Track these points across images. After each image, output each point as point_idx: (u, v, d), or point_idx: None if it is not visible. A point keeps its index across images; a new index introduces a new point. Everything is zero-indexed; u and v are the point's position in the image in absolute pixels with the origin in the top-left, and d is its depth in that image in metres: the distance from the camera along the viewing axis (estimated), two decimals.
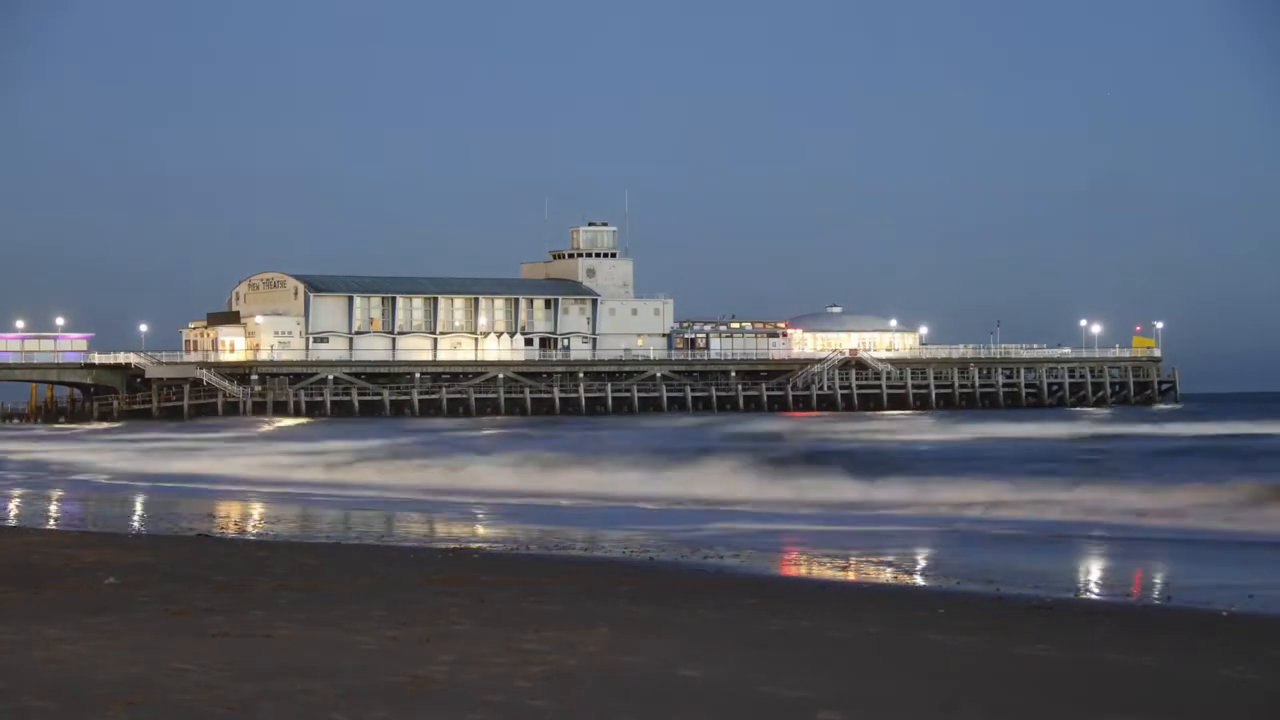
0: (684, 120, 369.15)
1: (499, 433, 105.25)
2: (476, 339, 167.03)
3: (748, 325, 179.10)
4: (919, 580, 24.49)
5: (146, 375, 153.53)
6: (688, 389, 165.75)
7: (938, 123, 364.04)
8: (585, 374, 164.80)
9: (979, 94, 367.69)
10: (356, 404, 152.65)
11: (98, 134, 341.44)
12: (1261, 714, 13.50)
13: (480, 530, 34.84)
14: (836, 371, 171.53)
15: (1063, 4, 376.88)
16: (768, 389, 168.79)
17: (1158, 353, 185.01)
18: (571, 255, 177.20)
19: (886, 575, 24.95)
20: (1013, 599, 21.17)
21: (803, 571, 26.61)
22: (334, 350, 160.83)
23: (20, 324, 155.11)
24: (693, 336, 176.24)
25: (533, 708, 13.07)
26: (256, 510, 41.62)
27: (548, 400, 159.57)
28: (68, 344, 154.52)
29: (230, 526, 35.57)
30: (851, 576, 24.90)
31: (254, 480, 54.91)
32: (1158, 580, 24.50)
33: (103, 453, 77.16)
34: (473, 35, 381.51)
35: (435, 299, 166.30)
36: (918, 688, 14.21)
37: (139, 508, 43.46)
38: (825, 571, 25.87)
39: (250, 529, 35.00)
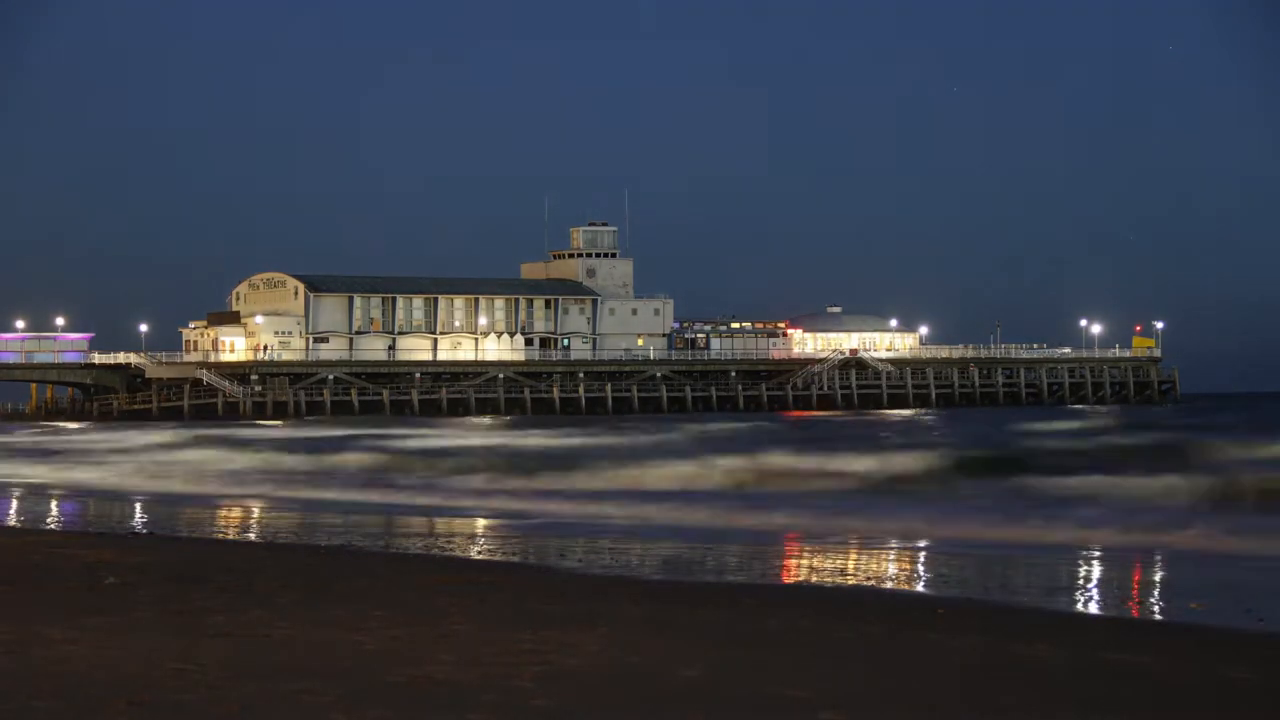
0: (684, 120, 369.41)
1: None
2: (476, 339, 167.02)
3: (748, 325, 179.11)
4: None
5: (147, 375, 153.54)
6: (688, 389, 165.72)
7: (937, 122, 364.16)
8: (585, 374, 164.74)
9: (979, 94, 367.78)
10: (356, 404, 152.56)
11: (97, 133, 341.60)
12: None
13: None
14: (836, 371, 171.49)
15: (1064, 3, 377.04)
16: (768, 389, 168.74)
17: (1158, 353, 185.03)
18: (571, 255, 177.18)
19: None
20: None
21: None
22: (334, 350, 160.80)
23: (20, 324, 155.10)
24: (693, 336, 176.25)
25: (532, 708, 13.06)
26: (255, 512, 41.62)
27: (548, 400, 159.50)
28: (68, 344, 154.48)
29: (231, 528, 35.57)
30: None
31: None
32: None
33: None
34: (473, 35, 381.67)
35: (435, 299, 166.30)
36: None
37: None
38: None
39: (251, 530, 35.00)
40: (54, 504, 44.49)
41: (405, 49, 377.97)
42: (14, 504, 43.75)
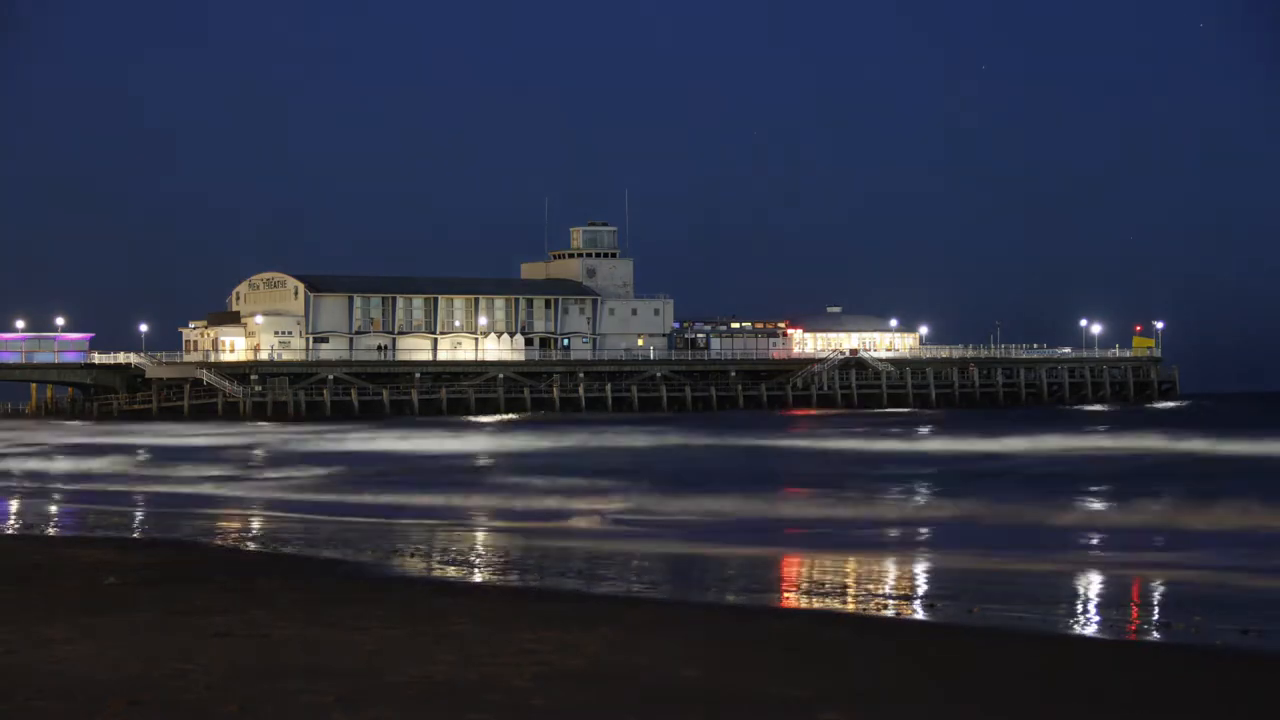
0: (684, 120, 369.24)
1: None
2: (476, 339, 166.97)
3: (748, 325, 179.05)
4: None
5: (147, 375, 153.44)
6: (688, 389, 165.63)
7: (937, 122, 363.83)
8: (585, 374, 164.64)
9: (979, 93, 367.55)
10: (356, 404, 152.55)
11: (97, 133, 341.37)
12: None
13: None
14: (836, 371, 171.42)
15: (1063, 1, 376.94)
16: (768, 389, 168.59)
17: (1158, 353, 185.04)
18: (571, 255, 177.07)
19: None
20: None
21: None
22: (334, 350, 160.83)
23: (20, 324, 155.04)
24: (693, 336, 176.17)
25: (533, 708, 13.06)
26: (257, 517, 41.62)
27: (548, 400, 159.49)
28: (68, 344, 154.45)
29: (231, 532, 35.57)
30: None
31: None
32: None
33: None
34: (473, 35, 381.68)
35: (435, 299, 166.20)
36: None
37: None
38: None
39: (252, 535, 35.01)
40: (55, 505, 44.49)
41: (405, 47, 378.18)
42: (14, 505, 43.73)
